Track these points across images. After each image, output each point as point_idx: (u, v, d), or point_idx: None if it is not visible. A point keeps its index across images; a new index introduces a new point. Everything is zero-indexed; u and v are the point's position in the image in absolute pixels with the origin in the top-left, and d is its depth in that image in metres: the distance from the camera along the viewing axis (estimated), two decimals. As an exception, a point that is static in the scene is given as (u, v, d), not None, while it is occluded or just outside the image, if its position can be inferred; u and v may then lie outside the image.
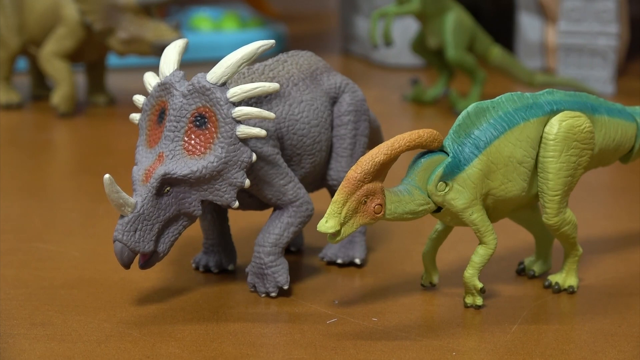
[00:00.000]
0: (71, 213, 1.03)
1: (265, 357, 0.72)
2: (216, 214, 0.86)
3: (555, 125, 0.78)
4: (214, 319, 0.78)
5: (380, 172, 0.73)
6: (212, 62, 1.70)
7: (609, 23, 1.54)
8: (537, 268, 0.86)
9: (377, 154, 0.73)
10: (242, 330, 0.76)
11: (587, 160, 0.80)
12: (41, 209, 1.04)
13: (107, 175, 0.74)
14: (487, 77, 1.46)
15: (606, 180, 1.15)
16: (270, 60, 0.85)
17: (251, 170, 0.79)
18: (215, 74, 0.78)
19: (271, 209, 0.84)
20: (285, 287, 0.81)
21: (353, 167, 0.73)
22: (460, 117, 0.77)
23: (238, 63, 0.78)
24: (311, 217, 0.83)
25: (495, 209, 0.79)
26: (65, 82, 1.39)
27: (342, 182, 0.73)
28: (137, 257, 0.78)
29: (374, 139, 0.94)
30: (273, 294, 0.81)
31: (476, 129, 0.77)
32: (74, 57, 1.42)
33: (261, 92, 0.78)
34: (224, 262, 0.87)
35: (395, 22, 1.70)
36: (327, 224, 0.72)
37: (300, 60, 0.86)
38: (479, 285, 0.79)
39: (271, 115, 0.78)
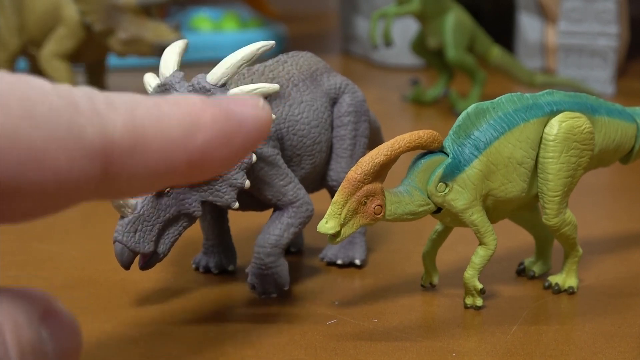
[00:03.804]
0: (71, 213, 1.03)
1: (266, 357, 0.72)
2: (216, 215, 0.86)
3: (555, 126, 0.78)
4: (214, 320, 0.78)
5: (380, 173, 0.73)
6: (212, 63, 1.71)
7: (609, 23, 1.54)
8: (537, 269, 0.86)
9: (377, 155, 0.73)
10: (242, 331, 0.76)
11: (587, 161, 0.80)
12: (41, 210, 1.03)
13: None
14: (487, 78, 1.46)
15: (606, 181, 1.14)
16: (270, 61, 0.84)
17: (251, 171, 0.79)
18: (215, 74, 0.78)
19: (271, 210, 0.84)
20: (286, 288, 0.81)
21: (353, 168, 0.73)
22: (460, 118, 0.77)
23: (238, 64, 0.78)
24: (311, 217, 0.83)
25: (495, 210, 0.79)
26: (66, 82, 1.39)
27: (342, 183, 0.73)
28: (137, 257, 0.78)
29: (374, 139, 0.94)
30: (273, 295, 0.81)
31: (476, 130, 0.77)
32: (74, 57, 1.42)
33: (261, 92, 0.78)
34: (224, 263, 0.87)
35: (395, 22, 1.70)
36: (327, 225, 0.72)
37: (300, 61, 0.86)
38: (479, 286, 0.79)
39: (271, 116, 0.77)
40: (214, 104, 0.43)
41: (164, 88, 0.79)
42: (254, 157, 0.78)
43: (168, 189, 0.77)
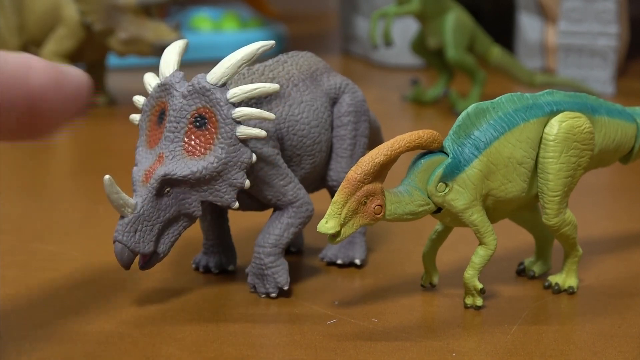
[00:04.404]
0: (71, 213, 1.03)
1: (266, 357, 0.72)
2: (216, 215, 0.86)
3: (555, 126, 0.78)
4: (214, 320, 0.78)
5: (380, 172, 0.73)
6: (212, 63, 1.71)
7: (609, 23, 1.54)
8: (537, 269, 0.86)
9: (377, 154, 0.73)
10: (242, 331, 0.76)
11: (587, 161, 0.80)
12: (41, 209, 1.04)
13: (107, 176, 0.74)
14: (487, 78, 1.46)
15: (606, 181, 1.15)
16: (270, 61, 0.85)
17: (251, 171, 0.79)
18: (215, 74, 0.78)
19: (271, 210, 0.84)
20: (285, 288, 0.81)
21: (353, 168, 0.73)
22: (460, 117, 0.77)
23: (238, 64, 0.78)
24: (311, 217, 0.83)
25: (495, 210, 0.79)
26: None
27: (342, 183, 0.73)
28: (137, 257, 0.78)
29: (374, 139, 0.94)
30: (273, 295, 0.81)
31: (476, 130, 0.77)
32: (74, 57, 1.42)
33: (261, 92, 0.78)
34: (224, 263, 0.87)
35: (395, 22, 1.70)
36: (327, 225, 0.72)
37: (300, 60, 0.86)
38: (479, 285, 0.79)
39: (271, 116, 0.78)
40: (41, 59, 0.55)
41: (164, 88, 0.79)
42: (254, 157, 0.78)
43: (168, 189, 0.77)
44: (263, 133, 0.77)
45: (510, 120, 0.78)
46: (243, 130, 0.77)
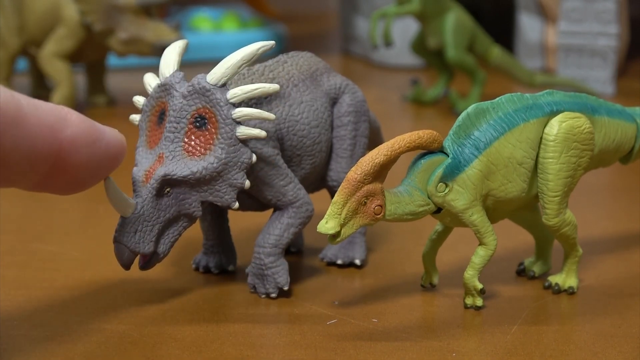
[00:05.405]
0: (71, 214, 1.03)
1: (265, 358, 0.72)
2: (216, 215, 0.86)
3: (555, 126, 0.78)
4: (214, 320, 0.78)
5: (380, 173, 0.73)
6: (212, 63, 1.70)
7: (609, 23, 1.54)
8: (537, 269, 0.86)
9: (377, 155, 0.73)
10: (242, 331, 0.76)
11: (587, 161, 0.80)
12: (41, 210, 1.04)
13: (107, 176, 0.74)
14: (487, 78, 1.46)
15: (606, 181, 1.15)
16: (270, 61, 0.85)
17: (251, 171, 0.79)
18: (215, 75, 0.78)
19: (271, 210, 0.84)
20: (286, 288, 0.81)
21: (353, 168, 0.73)
22: (460, 118, 0.77)
23: (238, 64, 0.78)
24: (311, 217, 0.83)
25: (495, 210, 0.79)
26: (65, 82, 1.39)
27: (342, 183, 0.73)
28: (137, 258, 0.78)
29: (374, 139, 0.94)
30: (273, 295, 0.81)
31: (476, 130, 0.77)
32: (74, 57, 1.42)
33: (261, 93, 0.78)
34: (224, 263, 0.87)
35: (395, 22, 1.70)
36: (327, 225, 0.72)
37: (300, 61, 0.86)
38: (479, 286, 0.79)
39: (271, 116, 0.78)
40: (79, 113, 0.54)
41: (164, 88, 0.79)
42: (254, 157, 0.78)
43: (168, 189, 0.77)
44: (263, 133, 0.77)
45: (510, 121, 0.78)
46: (243, 131, 0.77)
